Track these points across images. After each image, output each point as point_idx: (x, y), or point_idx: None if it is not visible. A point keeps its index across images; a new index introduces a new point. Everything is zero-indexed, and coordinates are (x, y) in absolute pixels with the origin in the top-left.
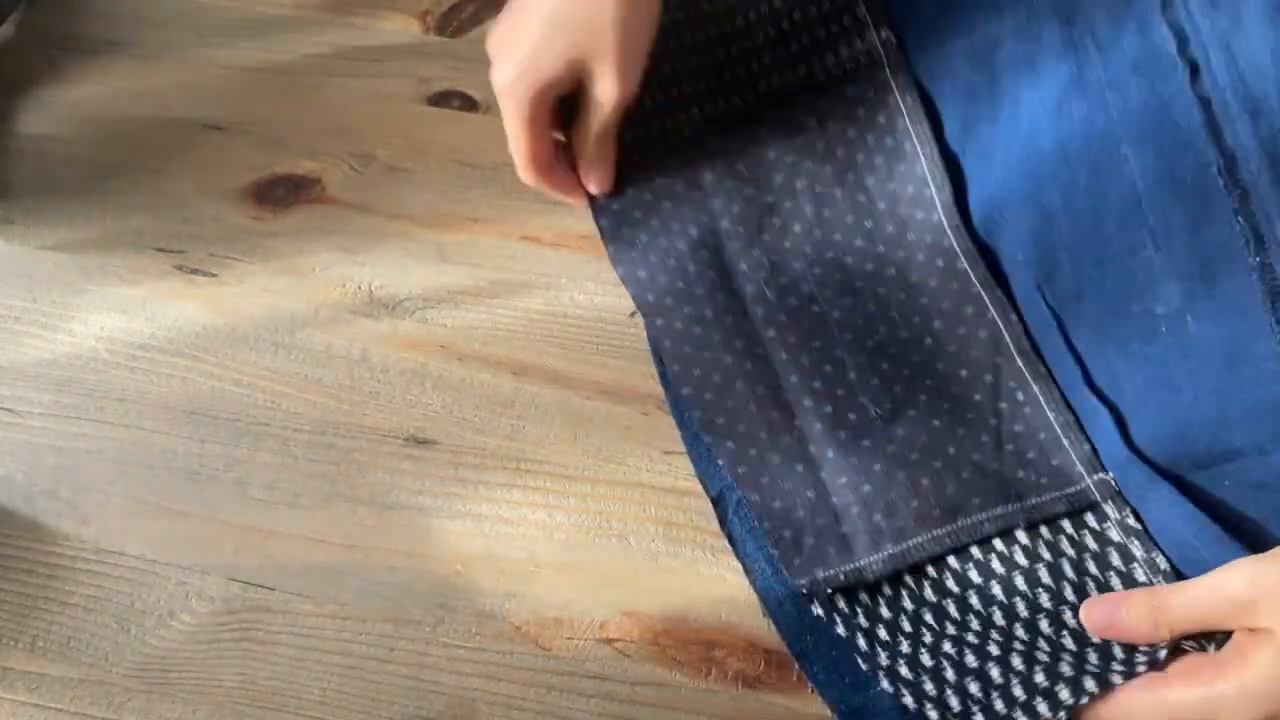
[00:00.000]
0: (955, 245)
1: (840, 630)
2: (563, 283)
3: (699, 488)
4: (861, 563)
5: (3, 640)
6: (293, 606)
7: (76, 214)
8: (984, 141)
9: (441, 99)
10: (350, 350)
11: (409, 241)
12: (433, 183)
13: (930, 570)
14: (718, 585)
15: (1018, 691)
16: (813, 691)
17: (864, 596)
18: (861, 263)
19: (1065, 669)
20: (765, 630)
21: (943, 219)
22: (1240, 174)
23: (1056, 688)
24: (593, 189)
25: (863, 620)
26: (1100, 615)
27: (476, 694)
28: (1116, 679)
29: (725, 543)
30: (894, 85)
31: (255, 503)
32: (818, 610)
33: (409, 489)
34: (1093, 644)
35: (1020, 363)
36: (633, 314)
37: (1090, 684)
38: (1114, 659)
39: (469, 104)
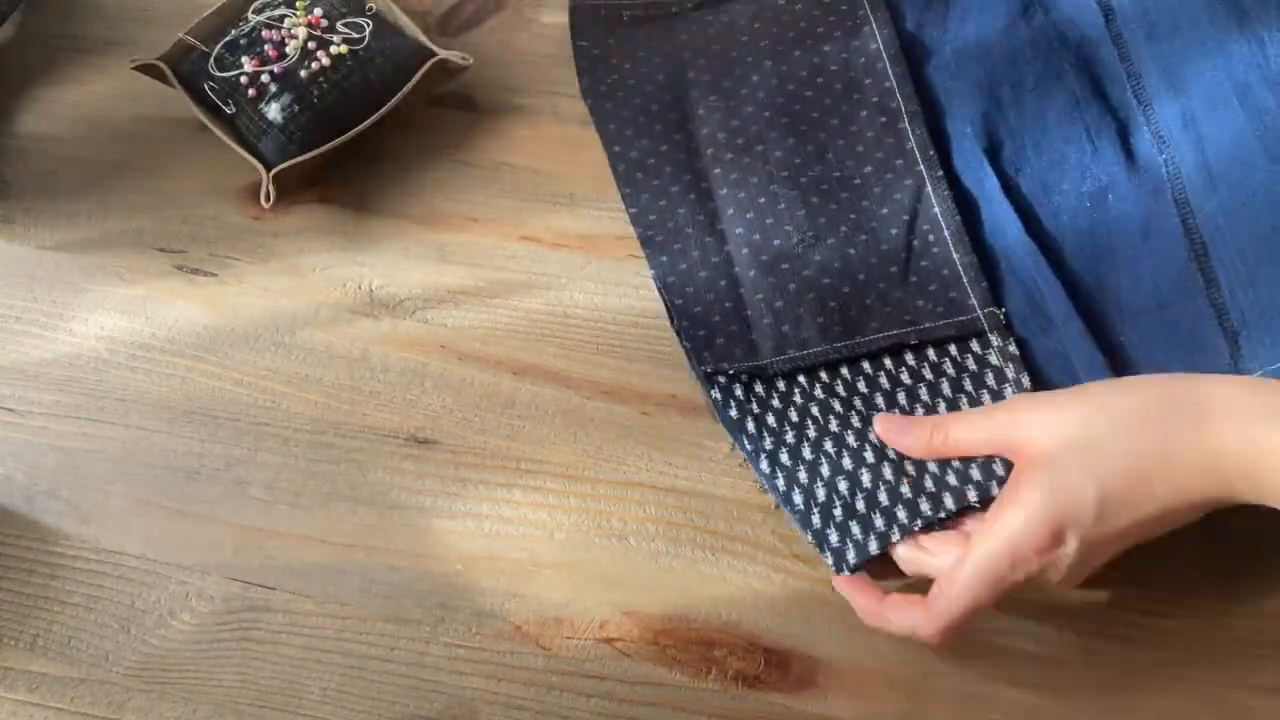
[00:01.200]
0: (903, 108)
1: (733, 414)
2: (563, 283)
3: (699, 488)
4: (764, 362)
5: (3, 640)
6: (293, 606)
7: (76, 214)
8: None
9: (442, 99)
10: (350, 350)
11: (409, 241)
12: (433, 183)
13: (823, 374)
14: (718, 585)
15: (881, 497)
16: (809, 687)
17: (759, 389)
18: (809, 111)
19: (928, 483)
20: (765, 630)
21: (895, 85)
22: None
23: (918, 499)
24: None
25: (754, 407)
26: (884, 430)
27: (476, 694)
28: (972, 496)
29: (725, 542)
30: None
31: (255, 502)
32: (715, 394)
33: (409, 489)
34: (953, 465)
35: (938, 210)
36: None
37: (949, 501)
38: (970, 480)
39: (469, 104)
